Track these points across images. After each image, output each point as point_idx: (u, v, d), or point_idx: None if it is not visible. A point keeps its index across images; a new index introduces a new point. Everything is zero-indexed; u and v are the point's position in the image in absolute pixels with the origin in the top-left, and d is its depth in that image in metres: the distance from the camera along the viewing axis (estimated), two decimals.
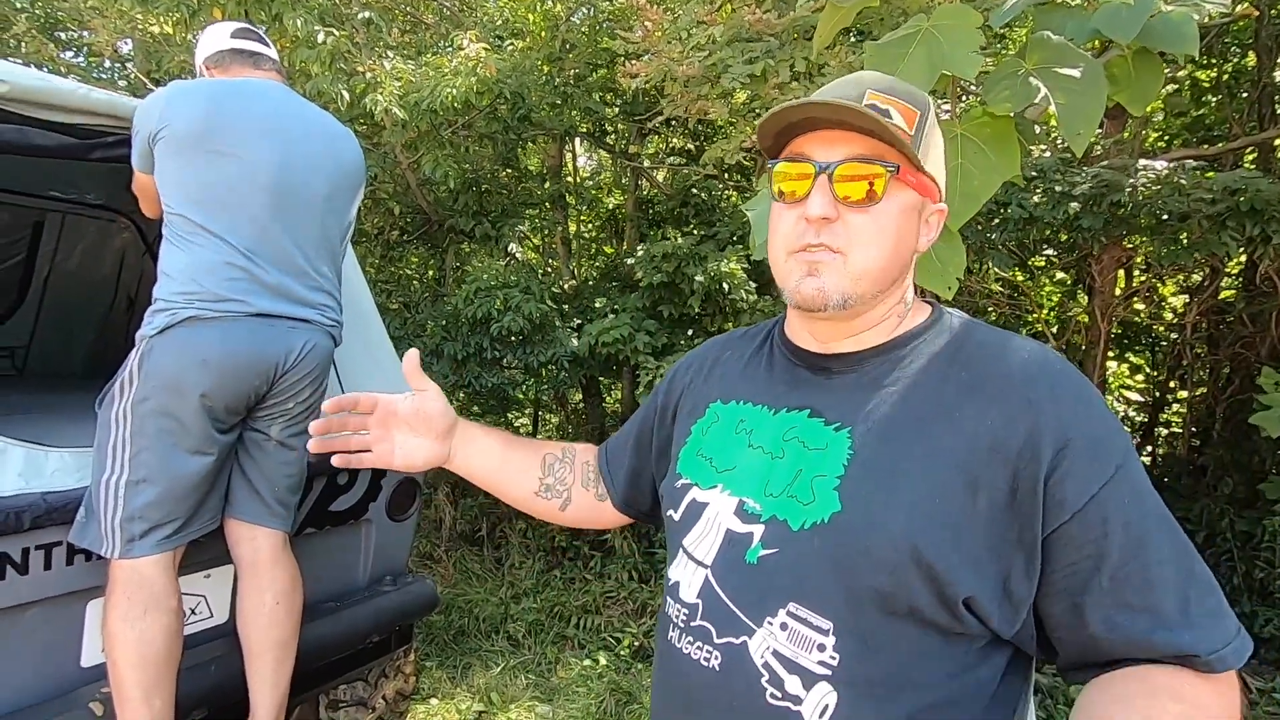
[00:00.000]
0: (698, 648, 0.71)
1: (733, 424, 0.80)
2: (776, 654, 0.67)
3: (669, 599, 0.78)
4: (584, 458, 1.03)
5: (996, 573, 0.63)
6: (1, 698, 1.34)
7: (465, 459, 0.98)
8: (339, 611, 1.85)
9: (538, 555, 4.21)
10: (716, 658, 0.70)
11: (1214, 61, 3.96)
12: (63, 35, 5.99)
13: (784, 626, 0.67)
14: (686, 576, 0.75)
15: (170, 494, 1.41)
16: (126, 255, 3.26)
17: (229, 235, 1.45)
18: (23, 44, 5.12)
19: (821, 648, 0.65)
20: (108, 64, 5.95)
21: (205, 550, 1.55)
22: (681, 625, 0.74)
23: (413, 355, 0.93)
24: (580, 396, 5.65)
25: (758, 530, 0.71)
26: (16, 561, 1.32)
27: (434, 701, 3.00)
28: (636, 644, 3.44)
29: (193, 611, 1.63)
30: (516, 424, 6.60)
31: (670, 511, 0.81)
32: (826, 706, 0.64)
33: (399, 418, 0.93)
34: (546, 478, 0.99)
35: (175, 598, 1.42)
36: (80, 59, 5.97)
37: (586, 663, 3.34)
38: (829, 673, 0.65)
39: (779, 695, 0.66)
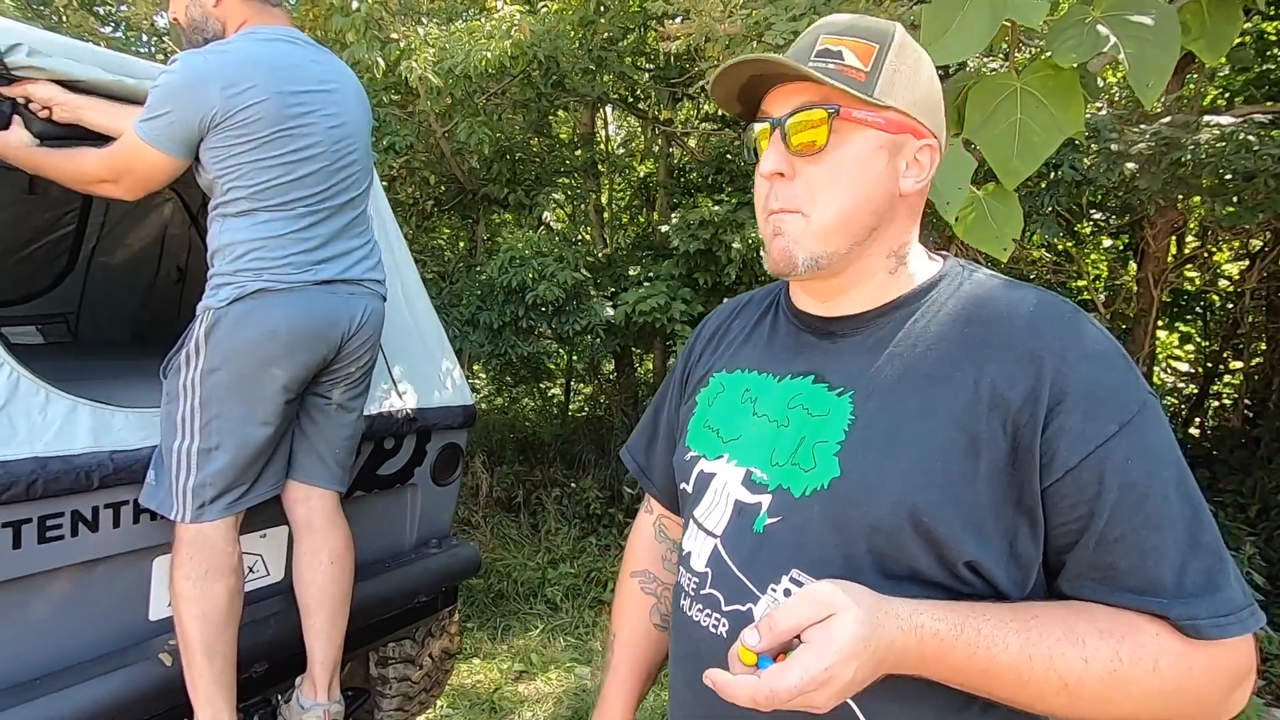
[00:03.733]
0: (706, 615, 0.72)
1: (738, 393, 0.79)
2: None
3: (682, 569, 0.79)
4: (656, 560, 0.97)
5: (1001, 536, 0.62)
6: (76, 649, 1.41)
7: None
8: (388, 572, 1.91)
9: (574, 522, 4.27)
10: (724, 625, 0.70)
11: None
12: (101, 10, 6.07)
13: (787, 593, 0.66)
14: (697, 546, 0.75)
15: (240, 460, 1.45)
16: (170, 225, 3.32)
17: (291, 207, 1.45)
18: (64, 18, 5.20)
19: None
20: (145, 38, 6.01)
21: (261, 511, 1.59)
22: (692, 593, 0.75)
23: None
24: (612, 366, 5.66)
25: (765, 500, 0.70)
26: (88, 519, 1.37)
27: (475, 661, 3.09)
28: None
29: (250, 570, 1.68)
30: (549, 394, 6.67)
31: (682, 484, 0.81)
32: None
33: None
34: (658, 614, 0.95)
35: (236, 558, 1.47)
36: (119, 33, 6.05)
37: None
38: None
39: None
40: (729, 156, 4.60)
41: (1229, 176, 2.61)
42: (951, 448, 0.62)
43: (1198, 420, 4.60)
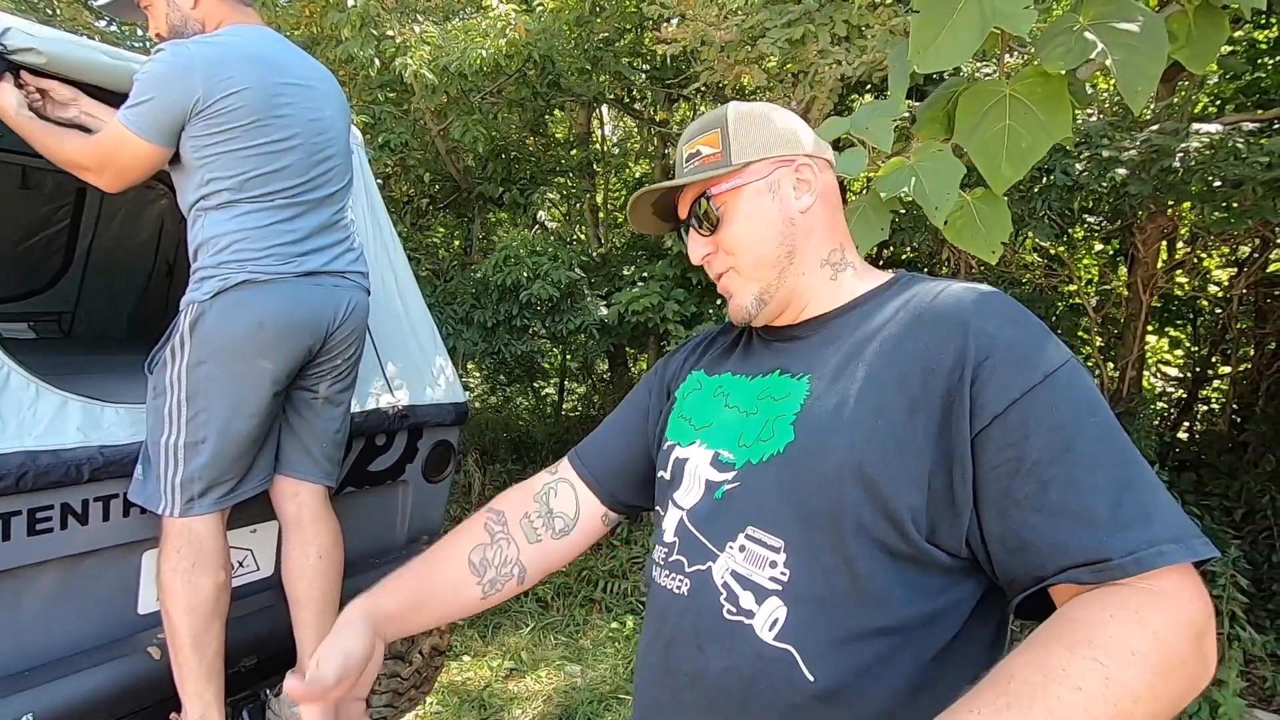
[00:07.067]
0: (671, 578, 0.78)
1: (712, 389, 0.87)
2: (734, 574, 0.72)
3: (656, 546, 0.84)
4: (519, 512, 0.94)
5: (940, 487, 0.65)
6: (65, 641, 1.41)
7: (396, 633, 0.83)
8: (379, 568, 1.91)
9: None
10: (686, 584, 0.76)
11: (1273, 21, 3.77)
12: (94, 4, 6.04)
13: (742, 549, 0.72)
14: (669, 522, 0.81)
15: (227, 454, 1.45)
16: (165, 221, 3.31)
17: (273, 199, 1.46)
18: (57, 11, 5.18)
19: (773, 564, 0.70)
20: (139, 32, 5.99)
21: (251, 506, 1.59)
22: (661, 562, 0.81)
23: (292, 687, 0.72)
24: (606, 365, 5.67)
25: (730, 475, 0.77)
26: (77, 512, 1.37)
27: (466, 659, 3.10)
28: None
29: (240, 565, 1.69)
30: (543, 393, 6.66)
31: (661, 473, 0.86)
32: (776, 620, 0.68)
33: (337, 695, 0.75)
34: (482, 579, 0.90)
35: (223, 553, 1.47)
36: (113, 27, 6.02)
37: (614, 625, 3.40)
38: (779, 588, 0.69)
39: (734, 610, 0.71)
40: None
41: (1217, 183, 2.64)
42: (892, 409, 0.68)
43: (1186, 424, 4.64)
